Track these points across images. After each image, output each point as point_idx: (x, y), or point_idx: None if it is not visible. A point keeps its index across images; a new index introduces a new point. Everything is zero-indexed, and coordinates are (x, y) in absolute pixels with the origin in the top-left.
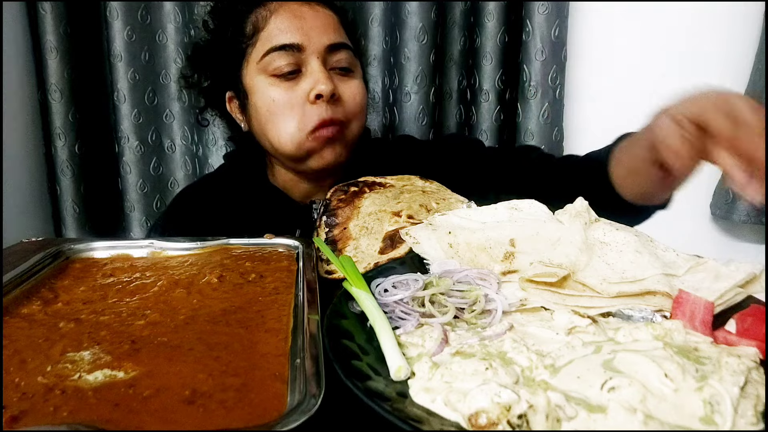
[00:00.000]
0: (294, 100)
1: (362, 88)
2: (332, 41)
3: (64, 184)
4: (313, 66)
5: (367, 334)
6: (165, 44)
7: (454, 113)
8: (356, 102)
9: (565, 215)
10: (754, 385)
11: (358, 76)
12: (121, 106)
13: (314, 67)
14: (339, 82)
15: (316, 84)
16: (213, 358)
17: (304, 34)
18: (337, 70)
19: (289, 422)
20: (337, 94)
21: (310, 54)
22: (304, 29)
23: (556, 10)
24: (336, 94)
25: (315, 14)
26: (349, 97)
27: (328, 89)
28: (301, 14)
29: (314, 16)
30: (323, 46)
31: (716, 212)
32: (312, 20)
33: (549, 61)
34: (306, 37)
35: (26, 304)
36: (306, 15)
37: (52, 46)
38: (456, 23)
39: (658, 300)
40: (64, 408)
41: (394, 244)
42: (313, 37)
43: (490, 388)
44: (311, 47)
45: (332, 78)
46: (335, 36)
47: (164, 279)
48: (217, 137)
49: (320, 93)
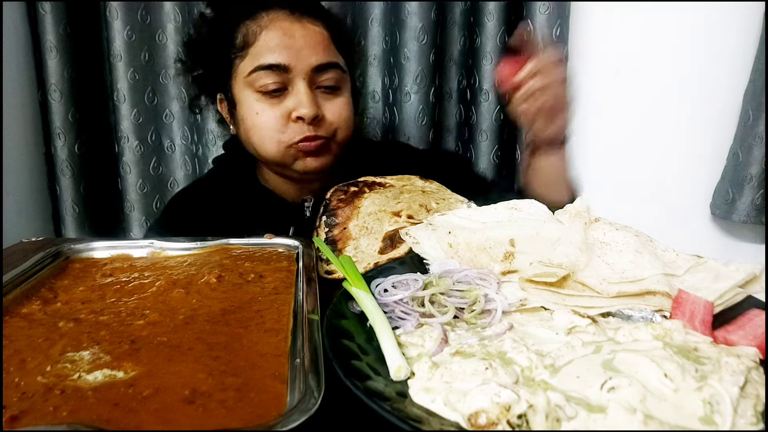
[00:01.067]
0: (277, 117)
1: (347, 104)
2: (320, 62)
3: (63, 184)
4: (299, 87)
5: (367, 334)
6: (165, 44)
7: (454, 113)
8: (341, 119)
9: (565, 215)
10: (754, 385)
11: (344, 92)
12: (120, 106)
13: (299, 88)
14: (324, 101)
15: (299, 107)
16: (212, 357)
17: (292, 55)
18: (323, 89)
19: (288, 422)
20: (320, 115)
21: (297, 75)
22: (293, 49)
23: (557, 10)
24: (319, 115)
25: (305, 32)
26: (333, 114)
27: (310, 113)
28: (291, 32)
29: (304, 35)
30: (310, 67)
31: (716, 212)
32: (301, 39)
33: None
34: (294, 58)
35: (26, 304)
36: (296, 33)
37: (52, 46)
38: (456, 23)
39: (658, 300)
40: (63, 408)
41: (394, 244)
42: (301, 58)
43: (490, 388)
44: (298, 67)
45: (316, 99)
46: (323, 55)
47: (163, 279)
48: (216, 137)
49: (301, 116)
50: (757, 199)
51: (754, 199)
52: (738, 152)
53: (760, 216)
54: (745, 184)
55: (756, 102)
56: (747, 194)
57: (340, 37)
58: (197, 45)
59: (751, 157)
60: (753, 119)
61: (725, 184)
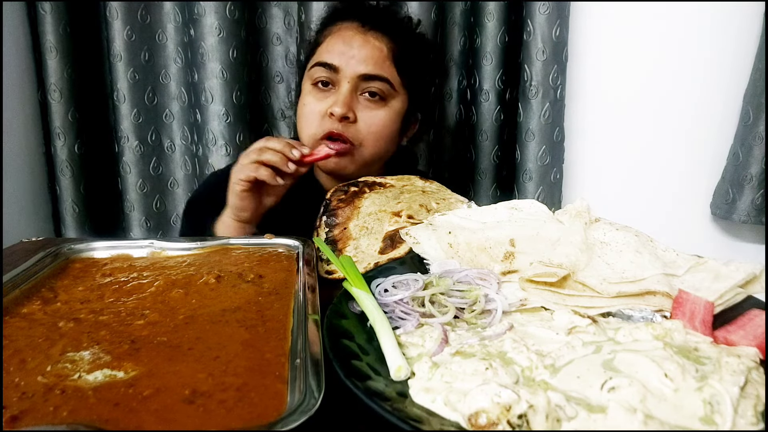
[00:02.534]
0: (317, 110)
1: (384, 118)
2: (367, 71)
3: (63, 184)
4: (342, 88)
5: (367, 334)
6: (165, 44)
7: (454, 113)
8: (370, 130)
9: (565, 215)
10: (754, 385)
11: (389, 107)
12: (120, 105)
13: (342, 89)
14: (363, 107)
15: (334, 104)
16: (213, 358)
17: (344, 60)
18: (367, 96)
19: (289, 422)
20: (352, 117)
21: (344, 77)
22: (346, 55)
23: (557, 10)
24: (350, 117)
25: (363, 44)
26: (365, 122)
27: (340, 112)
28: (351, 41)
29: (361, 46)
30: (357, 73)
31: (716, 212)
32: (358, 49)
33: (550, 61)
34: (344, 63)
35: (26, 304)
36: (354, 43)
37: (52, 46)
38: (456, 23)
39: (658, 300)
40: (63, 408)
41: (394, 244)
42: (351, 64)
43: (490, 388)
44: (346, 71)
45: (354, 103)
46: (373, 68)
47: (161, 279)
48: (217, 137)
49: (332, 112)
50: (757, 199)
51: (754, 199)
52: (738, 152)
53: (760, 216)
54: (745, 184)
55: (756, 102)
56: (747, 194)
57: (405, 57)
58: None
59: (751, 157)
60: (753, 119)
61: (725, 184)
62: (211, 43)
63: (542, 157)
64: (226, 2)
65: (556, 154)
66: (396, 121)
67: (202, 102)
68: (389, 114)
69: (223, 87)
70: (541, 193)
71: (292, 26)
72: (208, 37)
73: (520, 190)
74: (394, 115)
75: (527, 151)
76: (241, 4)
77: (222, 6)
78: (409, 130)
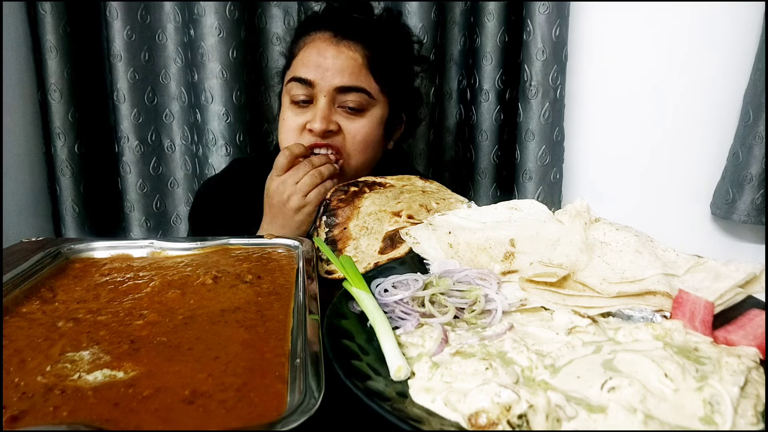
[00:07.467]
0: (297, 125)
1: (366, 127)
2: (343, 84)
3: (63, 184)
4: (320, 103)
5: (367, 334)
6: (165, 44)
7: (454, 113)
8: (356, 140)
9: (565, 215)
10: (754, 385)
11: (369, 116)
12: (120, 105)
13: (320, 104)
14: (345, 119)
15: (313, 120)
16: (212, 358)
17: (318, 73)
18: (346, 108)
19: (289, 422)
20: (335, 127)
21: (320, 91)
22: (321, 68)
23: (557, 10)
24: (333, 128)
25: (337, 55)
26: (350, 133)
27: (319, 128)
28: (325, 53)
29: (335, 56)
30: (333, 87)
31: (716, 212)
32: (331, 59)
33: (550, 60)
34: (319, 76)
35: (26, 304)
36: (328, 54)
37: (52, 46)
38: (456, 23)
39: (658, 300)
40: (63, 408)
41: (394, 244)
42: (326, 77)
43: (490, 388)
44: (322, 85)
45: (332, 116)
46: (349, 79)
47: (157, 280)
48: (217, 137)
49: (312, 129)
50: (757, 199)
51: (754, 199)
52: (738, 152)
53: (760, 216)
54: (745, 184)
55: (756, 102)
56: (747, 194)
57: (382, 63)
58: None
59: (752, 157)
60: (753, 119)
61: (725, 184)
62: (211, 43)
63: (542, 157)
64: (226, 2)
65: (555, 154)
66: (378, 128)
67: (202, 102)
68: (370, 123)
69: (223, 87)
70: (540, 193)
71: (292, 26)
72: (208, 37)
73: (519, 190)
74: (376, 123)
75: (527, 151)
76: (241, 4)
77: (222, 6)
78: (394, 133)
